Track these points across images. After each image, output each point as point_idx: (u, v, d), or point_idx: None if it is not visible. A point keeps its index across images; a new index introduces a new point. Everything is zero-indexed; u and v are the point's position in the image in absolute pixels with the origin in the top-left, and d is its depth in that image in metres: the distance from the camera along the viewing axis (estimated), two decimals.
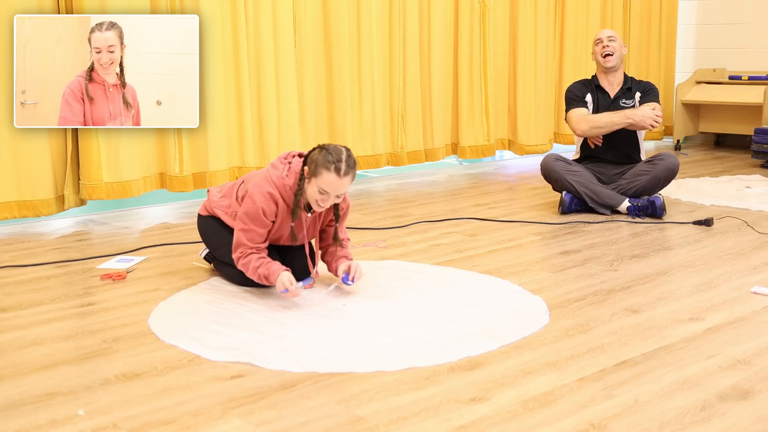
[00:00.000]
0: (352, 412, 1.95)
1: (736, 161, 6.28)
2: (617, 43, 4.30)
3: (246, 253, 2.79)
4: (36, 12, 3.88)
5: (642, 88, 4.34)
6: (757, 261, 3.31)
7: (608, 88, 4.35)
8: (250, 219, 2.76)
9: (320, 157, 2.68)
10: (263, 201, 2.75)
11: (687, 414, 1.93)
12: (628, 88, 4.34)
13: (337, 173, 2.65)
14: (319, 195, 2.70)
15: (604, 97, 4.35)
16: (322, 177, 2.66)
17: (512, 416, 1.92)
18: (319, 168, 2.67)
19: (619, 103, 4.31)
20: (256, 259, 2.76)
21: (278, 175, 2.78)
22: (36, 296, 2.90)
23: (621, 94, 4.33)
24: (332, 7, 4.99)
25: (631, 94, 4.34)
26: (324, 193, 2.69)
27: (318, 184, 2.68)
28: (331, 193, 2.69)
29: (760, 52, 6.92)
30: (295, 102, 4.83)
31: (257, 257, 2.77)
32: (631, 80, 4.38)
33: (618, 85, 4.35)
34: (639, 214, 4.12)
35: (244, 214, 2.78)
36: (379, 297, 2.83)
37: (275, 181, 2.77)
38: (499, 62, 6.00)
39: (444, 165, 6.13)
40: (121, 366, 2.24)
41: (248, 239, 2.78)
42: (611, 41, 4.29)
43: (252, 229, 2.77)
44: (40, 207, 4.00)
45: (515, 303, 2.78)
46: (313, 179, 2.69)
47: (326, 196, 2.69)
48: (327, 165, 2.66)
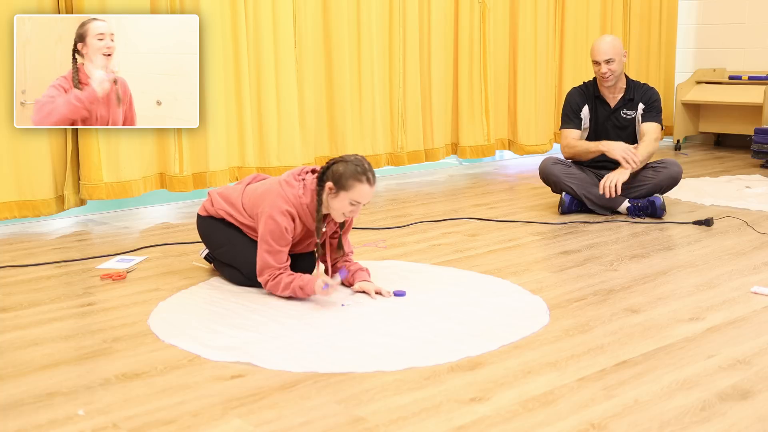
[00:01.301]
0: (352, 412, 1.95)
1: (736, 161, 6.28)
2: (616, 62, 4.14)
3: (275, 275, 2.78)
4: (36, 12, 3.88)
5: (645, 100, 4.23)
6: (757, 261, 3.31)
7: (609, 99, 4.26)
8: (275, 240, 2.76)
9: (347, 171, 2.69)
10: (285, 220, 2.75)
11: (687, 414, 1.93)
12: (629, 99, 4.24)
13: (368, 183, 2.71)
14: (349, 207, 2.73)
15: (603, 107, 4.27)
16: (354, 189, 2.69)
17: (512, 416, 1.92)
18: (349, 181, 2.69)
19: (620, 114, 4.24)
20: (286, 276, 2.76)
21: (294, 193, 2.78)
22: (36, 296, 2.90)
23: (622, 105, 4.25)
24: (332, 7, 4.99)
25: (633, 105, 4.24)
26: (356, 204, 2.72)
27: (350, 196, 2.70)
28: (362, 202, 2.73)
29: (760, 52, 6.92)
30: (295, 102, 4.83)
31: (287, 275, 2.77)
32: (633, 88, 4.25)
33: (619, 93, 4.25)
34: (639, 214, 4.12)
35: (268, 236, 2.76)
36: (380, 297, 2.82)
37: (292, 199, 2.77)
38: (499, 62, 6.00)
39: (444, 165, 6.13)
40: (121, 366, 2.24)
41: (276, 261, 2.77)
42: (609, 64, 4.13)
43: (278, 250, 2.77)
44: (40, 207, 4.00)
45: (515, 303, 2.78)
46: (342, 193, 2.70)
47: (357, 206, 2.74)
48: (358, 177, 2.68)
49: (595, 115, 4.29)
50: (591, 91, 4.31)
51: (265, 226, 2.76)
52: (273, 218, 2.75)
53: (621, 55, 4.19)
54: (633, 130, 4.27)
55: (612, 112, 4.27)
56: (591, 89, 4.31)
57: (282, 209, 2.75)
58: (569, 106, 4.31)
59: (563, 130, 4.31)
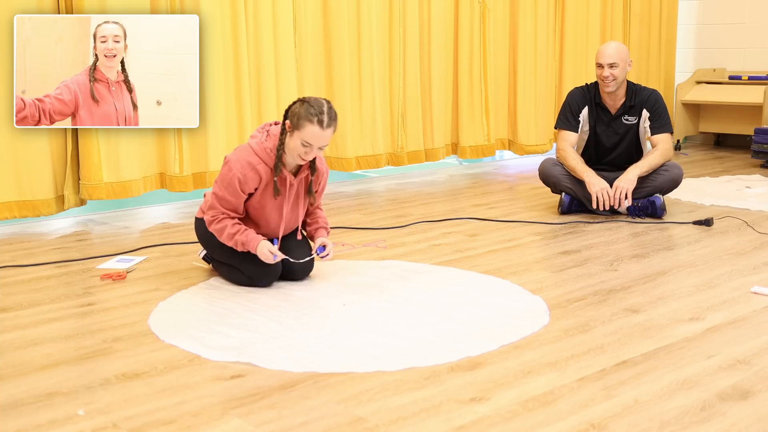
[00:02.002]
0: (352, 412, 1.95)
1: (736, 161, 6.28)
2: (619, 68, 4.09)
3: (219, 217, 2.82)
4: (36, 12, 3.88)
5: (649, 107, 4.17)
6: (757, 261, 3.31)
7: (610, 106, 4.22)
8: (224, 186, 2.80)
9: (302, 110, 2.71)
10: (240, 169, 2.78)
11: (687, 414, 1.93)
12: (630, 106, 4.19)
13: (320, 125, 2.70)
14: (302, 148, 2.74)
15: (604, 113, 4.24)
16: (305, 129, 2.70)
17: (512, 416, 1.92)
18: (301, 120, 2.70)
19: (621, 120, 4.21)
20: (231, 225, 2.80)
21: (257, 142, 2.82)
22: (36, 296, 2.90)
23: (623, 111, 4.21)
24: (332, 7, 4.99)
25: (635, 111, 4.20)
26: (307, 145, 2.73)
27: (301, 136, 2.71)
28: (314, 145, 2.73)
29: (760, 52, 6.92)
30: None
31: (232, 223, 2.80)
32: (634, 94, 4.20)
33: (620, 100, 4.21)
34: (639, 214, 4.12)
35: (219, 179, 2.82)
36: (379, 297, 2.83)
37: (254, 147, 2.80)
38: (499, 62, 5.99)
39: (444, 165, 6.13)
40: (121, 366, 2.24)
41: (221, 204, 2.82)
42: (612, 68, 4.08)
43: (225, 197, 2.81)
44: (40, 207, 4.00)
45: (515, 303, 2.78)
46: (296, 132, 2.72)
47: (309, 148, 2.74)
48: (309, 117, 2.70)
49: (595, 121, 4.26)
50: (592, 95, 4.26)
51: (221, 172, 2.83)
52: (228, 165, 2.80)
53: (625, 62, 4.12)
54: (633, 137, 4.25)
55: (612, 120, 4.24)
56: (592, 93, 4.26)
57: (243, 160, 2.79)
58: (569, 106, 4.28)
59: (560, 131, 4.30)
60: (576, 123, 4.24)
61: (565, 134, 4.26)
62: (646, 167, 4.10)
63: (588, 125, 4.27)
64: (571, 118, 4.25)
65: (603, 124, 4.26)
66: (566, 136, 4.25)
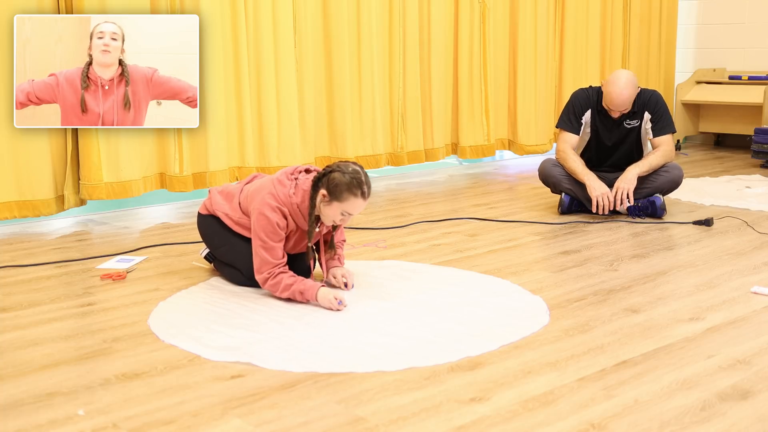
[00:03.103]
0: (352, 412, 1.95)
1: (736, 161, 6.28)
2: (628, 105, 4.07)
3: (275, 273, 2.75)
4: (36, 12, 3.88)
5: (651, 109, 4.16)
6: (757, 261, 3.31)
7: (613, 112, 4.17)
8: (267, 236, 2.74)
9: (343, 182, 2.67)
10: (275, 216, 2.74)
11: (687, 414, 1.93)
12: (633, 111, 4.16)
13: (363, 197, 2.70)
14: (340, 216, 2.73)
15: (606, 118, 4.21)
16: (348, 202, 2.69)
17: (512, 416, 1.92)
18: (344, 193, 2.68)
19: (623, 124, 4.20)
20: (287, 278, 2.74)
21: (285, 192, 2.76)
22: (36, 296, 2.90)
23: (625, 116, 4.18)
24: (332, 7, 4.99)
25: (637, 115, 4.17)
26: (346, 215, 2.73)
27: (343, 207, 2.70)
28: (354, 214, 2.74)
29: (760, 52, 6.92)
30: (295, 102, 4.83)
31: (288, 276, 2.74)
32: (635, 99, 4.14)
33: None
34: (639, 214, 4.12)
35: (261, 232, 2.75)
36: (379, 297, 2.83)
37: (282, 198, 2.76)
38: (499, 62, 5.99)
39: (444, 165, 6.13)
40: (121, 366, 2.24)
41: (272, 256, 2.75)
42: (623, 111, 4.09)
43: (272, 246, 2.75)
44: (40, 207, 4.00)
45: (515, 303, 2.78)
46: (336, 203, 2.70)
47: (347, 217, 2.74)
48: (353, 191, 2.68)
49: (597, 124, 4.24)
50: (595, 100, 4.23)
51: (257, 223, 2.76)
52: (263, 214, 2.74)
53: (635, 90, 4.08)
54: (635, 139, 4.24)
55: (615, 124, 4.22)
56: (596, 99, 4.23)
57: (272, 206, 2.74)
58: (572, 107, 4.25)
59: (562, 132, 4.29)
60: (578, 125, 4.24)
61: (566, 136, 4.25)
62: (647, 167, 4.10)
63: (590, 128, 4.26)
64: (573, 119, 4.24)
65: (605, 128, 4.24)
66: (567, 138, 4.24)
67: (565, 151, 4.22)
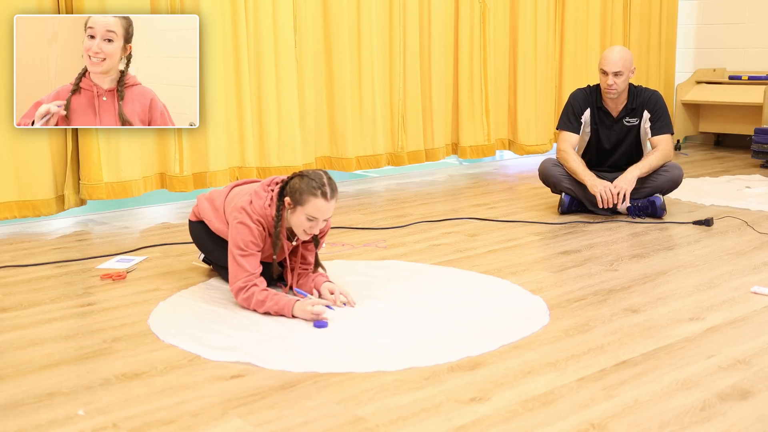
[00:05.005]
0: (352, 412, 1.95)
1: (736, 161, 6.28)
2: (623, 77, 4.06)
3: (248, 285, 2.67)
4: (36, 12, 3.88)
5: (650, 108, 4.16)
6: (757, 261, 3.31)
7: (612, 109, 4.20)
8: (244, 245, 2.69)
9: (303, 185, 2.63)
10: (252, 226, 2.69)
11: (687, 414, 1.93)
12: (632, 108, 4.17)
13: (324, 198, 2.62)
14: (307, 222, 2.66)
15: (606, 116, 4.22)
16: (309, 204, 2.63)
17: (512, 416, 1.92)
18: (304, 196, 2.62)
19: (623, 123, 4.20)
20: (259, 292, 2.66)
21: (261, 204, 2.72)
22: (36, 296, 2.90)
23: (625, 114, 4.20)
24: (332, 7, 4.99)
25: (636, 113, 4.18)
26: (313, 219, 2.65)
27: (306, 211, 2.64)
28: (320, 218, 2.66)
29: (760, 52, 6.92)
30: (295, 102, 4.83)
31: (260, 290, 2.66)
32: (635, 96, 4.18)
33: (622, 103, 4.19)
34: (639, 214, 4.12)
35: (239, 240, 2.69)
36: (379, 297, 2.83)
37: (258, 210, 2.71)
38: (499, 62, 5.99)
39: (444, 165, 6.13)
40: (121, 366, 2.24)
41: (249, 265, 2.68)
42: (617, 77, 4.05)
43: (250, 253, 2.69)
44: (40, 207, 4.00)
45: (515, 303, 2.78)
46: (299, 208, 2.64)
47: (315, 222, 2.66)
48: (313, 191, 2.62)
49: (597, 123, 4.25)
50: (594, 98, 4.24)
51: (235, 231, 2.70)
52: (240, 224, 2.69)
53: (629, 69, 4.09)
54: (634, 138, 4.24)
55: (614, 122, 4.23)
56: (594, 96, 4.25)
57: (249, 216, 2.69)
58: (571, 107, 4.26)
59: (562, 132, 4.29)
60: (578, 125, 4.24)
61: (566, 135, 4.25)
62: (646, 168, 4.10)
63: (590, 127, 4.26)
64: (573, 119, 4.24)
65: (605, 126, 4.25)
66: (567, 138, 4.25)
67: (565, 150, 4.22)
